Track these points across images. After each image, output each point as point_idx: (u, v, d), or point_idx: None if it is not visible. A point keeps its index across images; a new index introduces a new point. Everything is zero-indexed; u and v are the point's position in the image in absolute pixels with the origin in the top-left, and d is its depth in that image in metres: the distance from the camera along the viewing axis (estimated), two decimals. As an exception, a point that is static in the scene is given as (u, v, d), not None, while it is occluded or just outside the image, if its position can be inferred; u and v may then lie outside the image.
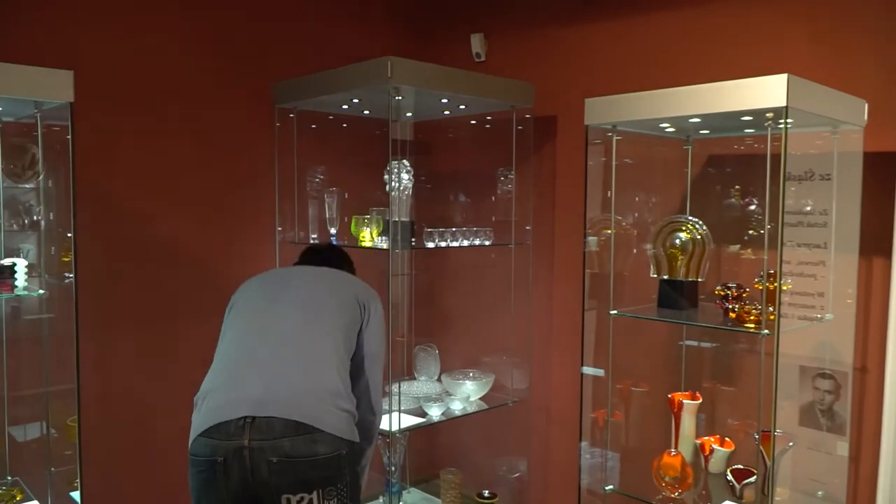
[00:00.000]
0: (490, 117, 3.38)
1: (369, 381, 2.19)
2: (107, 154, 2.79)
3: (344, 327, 2.10)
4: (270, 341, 2.02)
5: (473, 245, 3.09)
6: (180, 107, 2.98)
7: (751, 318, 2.09)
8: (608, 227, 2.53)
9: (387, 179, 3.10)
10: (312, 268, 2.38)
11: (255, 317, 2.13)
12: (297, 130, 3.28)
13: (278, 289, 2.20)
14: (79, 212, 2.68)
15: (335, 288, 2.23)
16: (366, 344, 2.18)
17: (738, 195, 2.58)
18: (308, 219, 3.23)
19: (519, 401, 3.25)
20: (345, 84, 2.78)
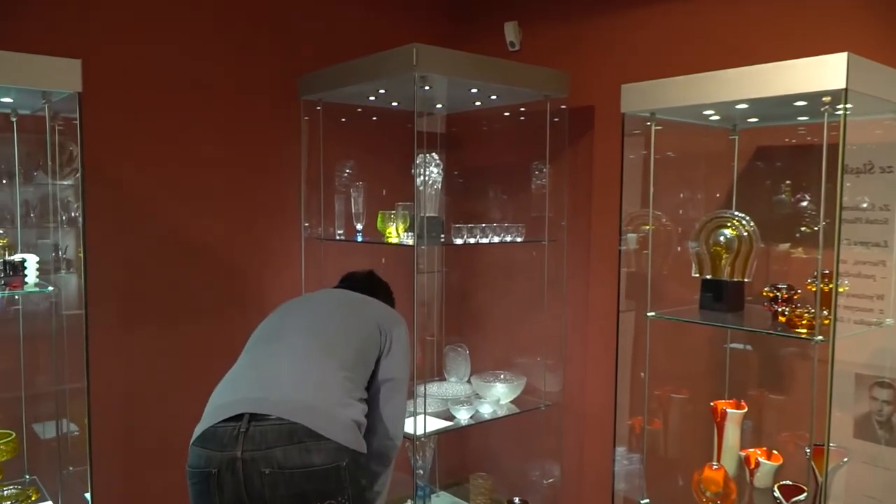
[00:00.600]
0: (524, 108, 3.24)
1: (389, 408, 2.10)
2: (127, 148, 2.74)
3: (357, 350, 2.03)
4: (275, 355, 1.96)
5: (504, 242, 2.96)
6: (202, 99, 2.91)
7: (803, 322, 1.92)
8: (646, 223, 2.37)
9: (415, 173, 2.99)
10: (340, 291, 2.35)
11: (266, 335, 2.09)
12: (324, 123, 3.20)
13: (295, 311, 2.17)
14: (99, 208, 2.66)
15: (355, 311, 2.18)
16: (386, 370, 2.09)
17: (789, 190, 2.39)
18: (334, 214, 3.13)
19: (552, 404, 3.11)
20: (369, 74, 2.68)
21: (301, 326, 2.05)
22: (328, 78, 2.92)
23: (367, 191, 3.11)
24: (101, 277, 2.69)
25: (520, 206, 3.34)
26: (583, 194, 3.10)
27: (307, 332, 2.02)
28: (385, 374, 2.09)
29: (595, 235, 3.07)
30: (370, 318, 2.13)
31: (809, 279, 2.06)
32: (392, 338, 2.12)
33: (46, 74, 1.86)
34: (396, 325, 2.18)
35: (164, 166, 2.83)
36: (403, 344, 2.15)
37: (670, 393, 2.57)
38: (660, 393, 2.57)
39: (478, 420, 2.93)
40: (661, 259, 2.50)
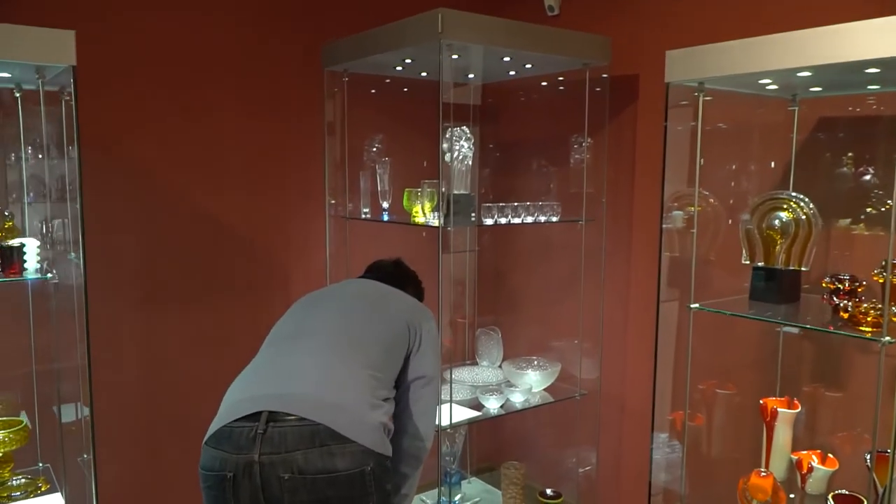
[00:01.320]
0: (562, 77, 3.03)
1: (420, 406, 1.96)
2: (138, 124, 2.63)
3: (386, 348, 1.90)
4: (298, 352, 1.83)
5: (539, 222, 2.77)
6: (219, 71, 2.78)
7: (868, 319, 1.70)
8: (692, 203, 2.16)
9: (445, 148, 2.82)
10: (368, 282, 2.21)
11: (288, 330, 1.96)
12: (349, 95, 3.04)
13: (320, 304, 2.03)
14: (109, 187, 2.57)
15: (383, 306, 2.03)
16: (416, 367, 1.96)
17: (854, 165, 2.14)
18: (360, 192, 2.99)
19: (588, 393, 2.94)
20: (393, 42, 2.50)
21: (326, 322, 1.92)
22: (352, 47, 2.75)
23: (394, 167, 2.95)
24: (114, 259, 2.61)
25: (558, 182, 3.15)
26: (625, 170, 2.88)
27: (332, 328, 1.89)
28: (415, 372, 1.97)
29: (637, 215, 2.86)
30: (399, 314, 2.00)
31: (877, 269, 1.83)
32: (422, 334, 2.00)
33: (38, 47, 1.74)
34: (426, 321, 2.05)
35: (180, 143, 2.72)
36: (434, 340, 2.04)
37: (715, 388, 2.37)
38: (704, 387, 2.38)
39: (508, 410, 2.78)
40: (708, 243, 2.29)
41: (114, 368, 2.64)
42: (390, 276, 2.27)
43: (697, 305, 2.06)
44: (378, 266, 2.35)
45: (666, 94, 2.01)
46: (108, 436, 2.63)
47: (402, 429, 1.93)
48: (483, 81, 3.36)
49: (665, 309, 2.17)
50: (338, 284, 2.25)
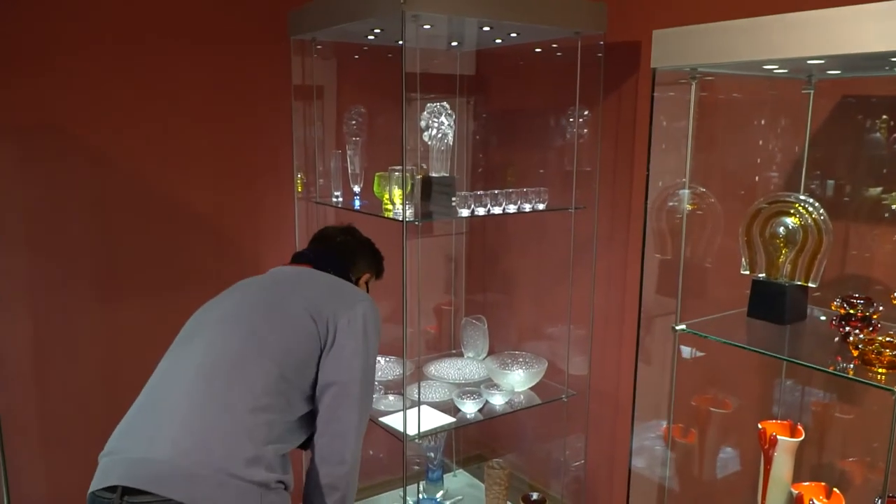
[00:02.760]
0: (556, 45, 2.71)
1: (335, 424, 1.64)
2: (86, 102, 2.39)
3: (281, 360, 1.59)
4: (174, 387, 1.56)
5: (523, 211, 2.51)
6: (179, 39, 2.52)
7: (883, 360, 1.43)
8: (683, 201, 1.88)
9: (422, 126, 2.55)
10: (281, 272, 1.88)
11: (175, 352, 1.69)
12: (320, 66, 2.76)
13: (209, 316, 1.73)
14: (64, 174, 2.37)
15: (279, 303, 1.69)
16: (327, 370, 1.64)
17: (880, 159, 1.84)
18: (331, 174, 2.74)
19: (577, 394, 2.71)
20: (357, 11, 2.21)
21: (206, 345, 1.61)
22: (318, 14, 2.46)
23: (371, 147, 2.69)
24: (64, 253, 2.42)
25: (550, 161, 2.86)
26: (624, 149, 2.58)
27: (212, 354, 1.58)
28: (327, 377, 1.63)
29: (637, 199, 2.57)
30: (303, 310, 1.65)
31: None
32: (337, 326, 1.65)
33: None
34: (345, 309, 1.68)
35: (134, 122, 2.48)
36: (355, 334, 1.66)
37: (709, 406, 2.13)
38: (697, 403, 2.13)
39: (488, 414, 2.57)
40: (704, 248, 2.01)
41: (66, 367, 2.47)
42: (334, 248, 1.99)
43: (683, 327, 1.80)
44: (322, 236, 2.07)
45: (652, 81, 1.71)
46: (61, 437, 2.48)
47: (314, 451, 1.66)
48: (471, 48, 3.05)
49: (652, 324, 1.91)
50: (249, 279, 1.89)
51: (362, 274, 2.05)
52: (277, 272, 1.87)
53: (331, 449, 1.64)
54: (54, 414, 2.48)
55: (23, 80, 2.29)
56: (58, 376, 2.47)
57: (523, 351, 2.88)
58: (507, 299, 3.18)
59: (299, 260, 1.93)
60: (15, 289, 2.37)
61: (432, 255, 3.24)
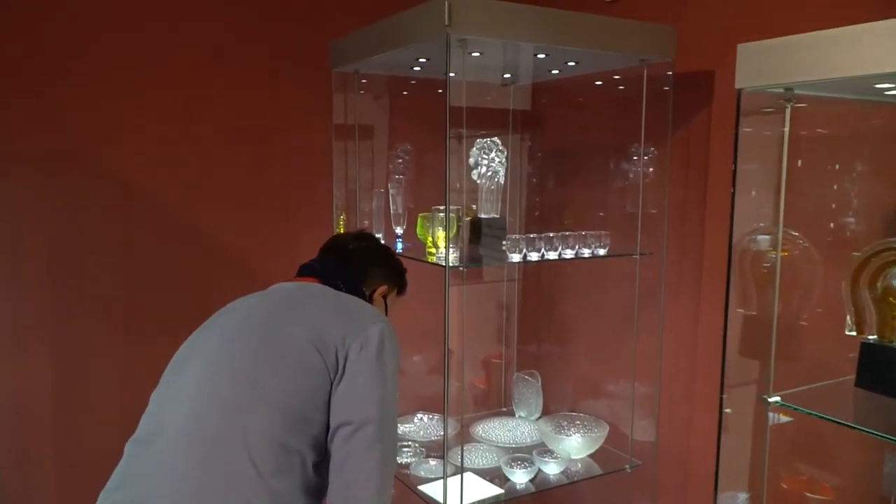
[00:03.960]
0: (618, 77, 2.48)
1: (347, 471, 1.32)
2: (116, 131, 2.29)
3: (286, 398, 1.32)
4: (168, 435, 1.34)
5: (582, 257, 2.25)
6: (216, 74, 2.41)
7: None
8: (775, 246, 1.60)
9: (471, 164, 2.35)
10: (277, 292, 1.59)
11: (172, 378, 1.49)
12: (363, 100, 2.60)
13: (197, 354, 1.48)
14: (89, 203, 2.26)
15: (282, 328, 1.42)
16: (338, 409, 1.34)
17: None
18: (373, 213, 2.55)
19: (642, 464, 2.39)
20: (399, 38, 2.04)
21: (195, 388, 1.37)
22: (359, 44, 2.31)
23: (416, 185, 2.51)
24: (90, 286, 2.29)
25: (610, 204, 2.61)
26: (695, 190, 2.31)
27: (198, 403, 1.35)
28: (338, 416, 1.34)
29: (711, 245, 2.29)
30: (300, 336, 1.38)
31: None
32: (348, 354, 1.37)
33: None
34: (355, 333, 1.39)
35: (166, 155, 2.37)
36: (369, 361, 1.37)
37: (804, 490, 1.79)
38: (788, 486, 1.80)
39: (541, 486, 2.28)
40: (798, 302, 1.71)
41: (86, 405, 2.32)
42: (345, 257, 1.72)
43: (778, 399, 1.50)
44: (333, 244, 1.79)
45: (737, 105, 1.45)
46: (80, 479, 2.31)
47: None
48: (533, 81, 2.86)
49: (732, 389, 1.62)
50: (245, 299, 1.63)
51: (377, 286, 1.76)
52: (278, 290, 1.60)
53: (342, 500, 1.32)
54: (73, 454, 2.32)
55: (55, 108, 2.21)
56: (77, 414, 2.32)
57: (581, 412, 2.58)
58: (564, 353, 2.90)
59: (305, 273, 1.67)
60: (34, 322, 2.25)
61: (482, 303, 3.00)
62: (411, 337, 2.82)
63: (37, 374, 2.27)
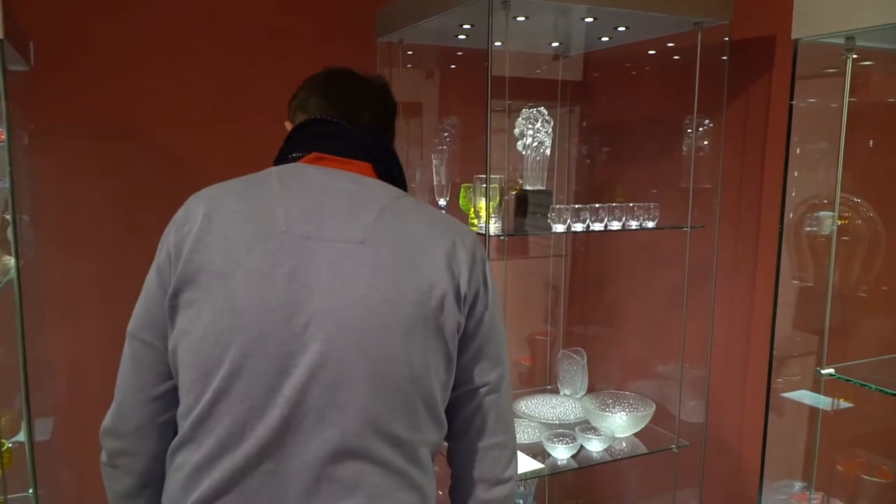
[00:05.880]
0: (672, 44, 2.39)
1: (498, 434, 1.17)
2: (159, 106, 2.32)
3: (428, 354, 1.06)
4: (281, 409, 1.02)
5: (629, 229, 2.18)
6: (259, 44, 2.41)
7: None
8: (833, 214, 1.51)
9: (516, 134, 2.30)
10: (337, 187, 1.11)
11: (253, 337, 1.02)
12: (408, 70, 2.58)
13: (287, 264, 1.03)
14: (136, 177, 2.30)
15: (400, 264, 1.05)
16: (481, 364, 1.12)
17: None
18: (416, 185, 2.53)
19: (689, 445, 2.32)
20: (441, 2, 2.00)
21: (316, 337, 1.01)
22: (404, 11, 2.28)
23: (461, 156, 2.47)
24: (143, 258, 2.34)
25: (661, 177, 2.52)
26: (752, 162, 2.21)
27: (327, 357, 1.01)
28: (482, 376, 1.13)
29: (767, 221, 2.18)
30: (433, 263, 1.07)
31: None
32: (479, 288, 1.10)
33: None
34: (476, 247, 1.13)
35: (209, 126, 2.39)
36: (491, 294, 1.13)
37: (860, 472, 1.70)
38: (844, 468, 1.71)
39: (583, 462, 2.23)
40: (858, 273, 1.62)
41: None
42: (382, 120, 1.29)
43: (832, 371, 1.42)
44: (348, 87, 1.32)
45: (793, 58, 1.37)
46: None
47: (470, 483, 1.19)
48: (583, 51, 2.78)
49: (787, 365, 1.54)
50: (276, 202, 1.10)
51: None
52: (317, 194, 1.09)
53: (495, 465, 1.19)
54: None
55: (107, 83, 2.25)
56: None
57: (627, 391, 2.52)
58: (611, 331, 2.83)
59: (341, 150, 1.16)
60: (84, 296, 2.30)
61: (528, 279, 2.96)
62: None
63: (88, 344, 2.33)
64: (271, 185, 1.12)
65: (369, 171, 1.18)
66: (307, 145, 1.20)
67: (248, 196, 1.12)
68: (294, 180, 1.13)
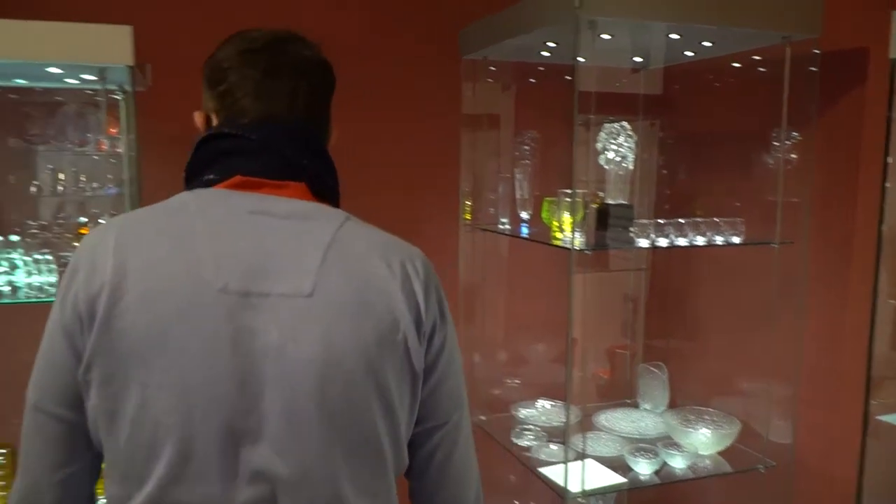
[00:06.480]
0: (759, 57, 2.36)
1: (457, 470, 1.09)
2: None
3: (397, 399, 0.98)
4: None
5: (714, 244, 2.17)
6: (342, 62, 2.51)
7: None
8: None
9: (598, 149, 2.34)
10: (269, 237, 0.95)
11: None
12: (491, 86, 2.63)
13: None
14: None
15: (356, 311, 0.95)
16: (440, 400, 1.05)
17: None
18: (499, 198, 2.58)
19: (776, 465, 2.27)
20: (528, 22, 2.05)
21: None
22: (488, 30, 2.34)
23: (542, 170, 2.51)
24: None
25: (746, 192, 2.49)
26: (843, 177, 2.16)
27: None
28: (440, 415, 1.05)
29: (861, 236, 2.13)
30: (387, 299, 0.97)
31: None
32: (436, 318, 1.03)
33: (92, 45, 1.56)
34: (428, 279, 1.04)
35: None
36: (452, 325, 1.06)
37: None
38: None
39: (666, 479, 2.22)
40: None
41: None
42: (310, 118, 1.11)
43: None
44: (275, 65, 1.11)
45: (890, 77, 1.35)
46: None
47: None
48: (665, 64, 2.77)
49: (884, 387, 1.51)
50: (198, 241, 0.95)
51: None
52: (257, 237, 0.94)
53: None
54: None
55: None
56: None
57: (710, 408, 2.49)
58: (693, 346, 2.80)
59: (274, 171, 0.99)
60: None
61: (607, 292, 2.96)
62: (534, 323, 2.83)
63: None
64: (192, 222, 0.93)
65: (305, 192, 1.02)
66: (228, 165, 0.99)
67: (167, 237, 0.92)
68: (220, 215, 0.95)
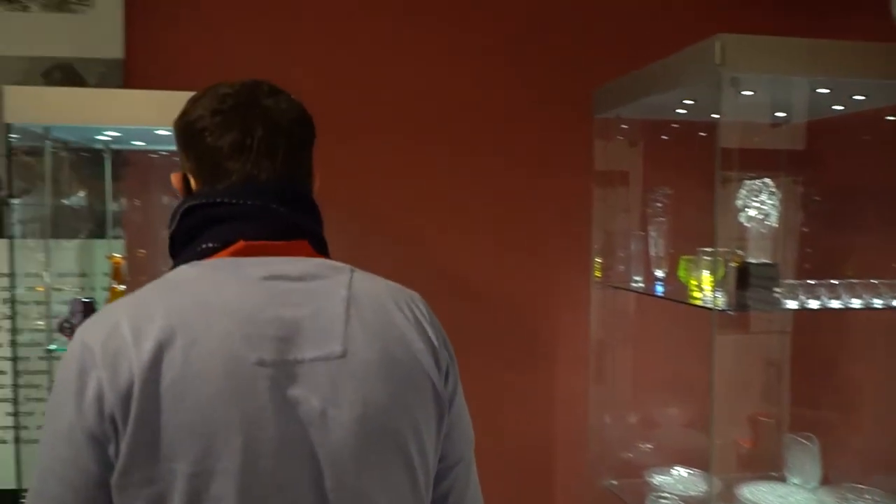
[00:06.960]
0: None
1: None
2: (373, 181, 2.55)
3: (433, 443, 1.01)
4: None
5: (872, 307, 2.03)
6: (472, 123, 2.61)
7: None
8: None
9: (738, 206, 2.27)
10: (283, 308, 0.91)
11: None
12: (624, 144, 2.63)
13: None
14: (352, 245, 2.51)
15: (388, 362, 0.95)
16: (456, 430, 1.07)
17: None
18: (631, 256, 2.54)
19: (952, 556, 2.04)
20: (666, 81, 2.06)
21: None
22: (623, 89, 2.36)
23: (678, 229, 2.46)
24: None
25: None
26: None
27: None
28: (457, 452, 1.08)
29: None
30: (412, 349, 0.98)
31: None
32: (448, 359, 1.06)
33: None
34: (433, 320, 1.08)
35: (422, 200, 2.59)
36: (454, 364, 1.09)
37: None
38: None
39: (820, 563, 2.05)
40: None
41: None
42: (294, 173, 1.02)
43: None
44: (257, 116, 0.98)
45: None
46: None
47: None
48: (808, 119, 2.67)
49: None
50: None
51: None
52: (271, 312, 0.90)
53: None
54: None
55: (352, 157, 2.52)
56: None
57: (871, 486, 2.28)
58: (846, 417, 2.59)
59: (277, 231, 0.96)
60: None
61: (748, 356, 2.81)
62: (667, 386, 2.73)
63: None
64: (206, 297, 0.88)
65: (308, 249, 1.00)
66: (226, 231, 0.94)
67: (184, 316, 0.86)
68: (233, 285, 0.90)
